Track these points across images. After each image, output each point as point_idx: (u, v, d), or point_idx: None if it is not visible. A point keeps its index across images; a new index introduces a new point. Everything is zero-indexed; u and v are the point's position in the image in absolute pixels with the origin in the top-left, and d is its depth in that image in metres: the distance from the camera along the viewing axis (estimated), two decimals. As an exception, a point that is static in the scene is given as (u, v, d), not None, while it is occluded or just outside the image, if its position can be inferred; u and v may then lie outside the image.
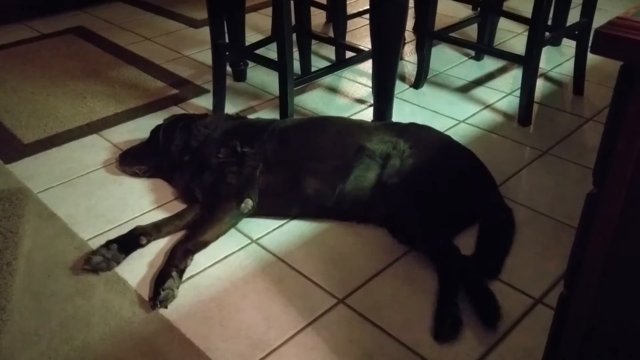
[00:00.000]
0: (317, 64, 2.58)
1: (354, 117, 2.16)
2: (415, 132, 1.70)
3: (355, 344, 1.27)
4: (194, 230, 1.56)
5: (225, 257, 1.53)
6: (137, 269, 1.49)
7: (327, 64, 2.63)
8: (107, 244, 1.50)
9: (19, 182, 1.83)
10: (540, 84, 2.39)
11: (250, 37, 2.75)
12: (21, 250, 1.54)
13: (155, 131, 1.87)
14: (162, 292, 1.36)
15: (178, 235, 1.59)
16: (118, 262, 1.49)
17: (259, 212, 1.63)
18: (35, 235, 1.60)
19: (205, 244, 1.54)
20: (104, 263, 1.46)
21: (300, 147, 1.68)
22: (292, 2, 1.92)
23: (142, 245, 1.54)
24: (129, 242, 1.53)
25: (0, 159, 1.96)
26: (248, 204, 1.60)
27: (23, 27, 3.15)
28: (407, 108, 2.26)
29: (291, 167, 1.63)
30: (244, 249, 1.56)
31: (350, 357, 1.24)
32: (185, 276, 1.45)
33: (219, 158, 1.67)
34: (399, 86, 2.37)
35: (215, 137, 1.74)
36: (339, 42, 2.54)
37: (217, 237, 1.57)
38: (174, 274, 1.41)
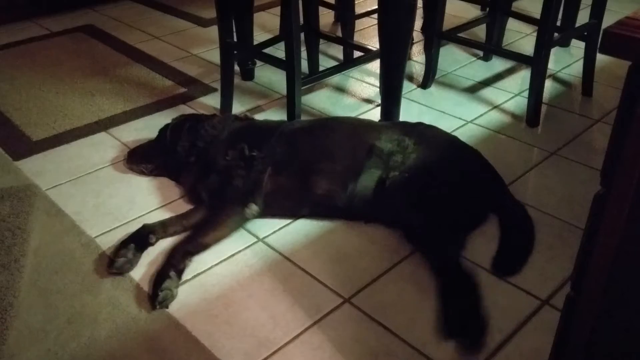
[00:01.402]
0: (325, 63, 2.58)
1: (362, 117, 2.16)
2: (422, 132, 1.70)
3: (361, 343, 1.27)
4: (195, 232, 1.55)
5: (232, 255, 1.53)
6: (143, 266, 1.49)
7: (334, 63, 2.63)
8: (124, 245, 1.50)
9: (28, 179, 1.84)
10: (548, 85, 2.38)
11: (259, 37, 2.75)
12: (29, 246, 1.55)
13: (163, 130, 1.87)
14: (160, 294, 1.36)
15: (184, 235, 1.59)
16: (137, 262, 1.49)
17: (269, 213, 1.63)
18: (43, 232, 1.61)
19: (206, 247, 1.53)
20: (127, 264, 1.46)
21: (310, 148, 1.67)
22: (300, 2, 1.93)
23: (151, 244, 1.54)
24: (141, 240, 1.53)
25: (9, 156, 1.97)
26: (252, 209, 1.59)
27: (33, 24, 3.17)
28: (414, 108, 2.26)
29: (301, 168, 1.62)
30: (250, 248, 1.56)
31: (356, 357, 1.24)
32: (191, 274, 1.46)
33: (226, 160, 1.66)
34: (407, 86, 2.36)
35: (222, 138, 1.73)
36: (347, 42, 2.54)
37: (218, 241, 1.55)
38: (172, 274, 1.41)
